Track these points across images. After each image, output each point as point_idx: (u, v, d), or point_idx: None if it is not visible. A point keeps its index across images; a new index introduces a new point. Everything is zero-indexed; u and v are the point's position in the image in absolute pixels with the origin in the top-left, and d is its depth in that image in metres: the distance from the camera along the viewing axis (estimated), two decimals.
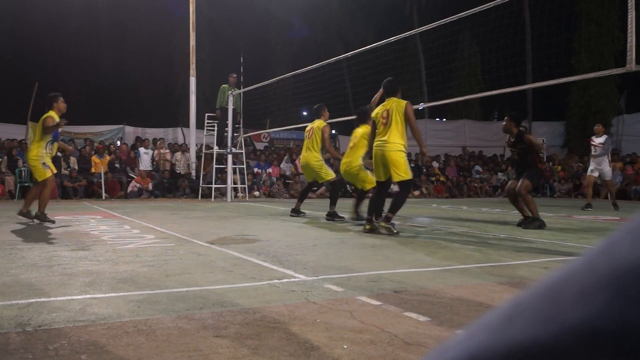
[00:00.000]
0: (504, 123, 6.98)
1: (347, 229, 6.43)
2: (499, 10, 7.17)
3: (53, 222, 6.53)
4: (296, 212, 8.06)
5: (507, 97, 12.56)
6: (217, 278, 3.27)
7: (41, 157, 6.58)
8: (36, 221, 6.55)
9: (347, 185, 9.86)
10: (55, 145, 6.91)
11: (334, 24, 26.15)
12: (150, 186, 13.37)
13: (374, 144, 5.87)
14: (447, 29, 9.99)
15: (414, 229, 6.41)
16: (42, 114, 6.76)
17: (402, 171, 5.66)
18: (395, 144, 5.68)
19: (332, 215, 7.49)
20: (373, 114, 6.05)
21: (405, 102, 5.80)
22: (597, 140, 10.19)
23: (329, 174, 7.76)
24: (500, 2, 6.37)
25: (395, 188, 7.35)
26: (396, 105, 5.74)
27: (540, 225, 6.56)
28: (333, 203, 7.63)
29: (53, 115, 6.65)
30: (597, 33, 19.59)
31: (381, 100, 6.34)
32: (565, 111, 21.13)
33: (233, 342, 2.04)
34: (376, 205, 6.08)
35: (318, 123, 7.82)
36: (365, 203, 6.75)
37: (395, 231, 5.68)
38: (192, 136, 15.06)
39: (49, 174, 6.60)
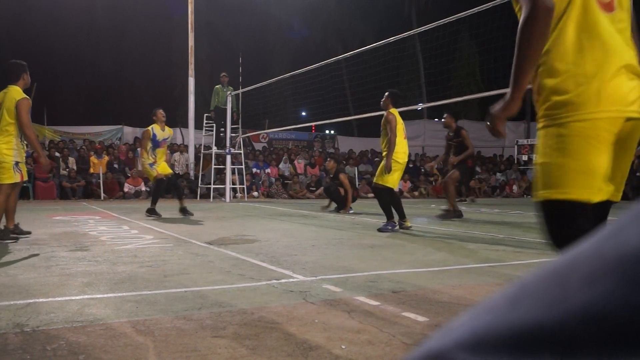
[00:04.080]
0: (444, 120, 7.87)
1: (346, 229, 6.42)
2: (498, 10, 7.17)
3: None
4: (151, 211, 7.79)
5: None
6: (215, 278, 3.27)
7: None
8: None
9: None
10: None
11: (333, 24, 26.15)
12: (142, 187, 13.33)
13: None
14: (446, 30, 9.99)
15: (413, 229, 6.40)
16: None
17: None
18: None
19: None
20: None
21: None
22: None
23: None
24: (499, 2, 6.37)
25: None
26: None
27: (458, 215, 7.54)
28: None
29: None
30: None
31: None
32: None
33: (231, 342, 2.04)
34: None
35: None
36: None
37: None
38: (191, 136, 15.05)
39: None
